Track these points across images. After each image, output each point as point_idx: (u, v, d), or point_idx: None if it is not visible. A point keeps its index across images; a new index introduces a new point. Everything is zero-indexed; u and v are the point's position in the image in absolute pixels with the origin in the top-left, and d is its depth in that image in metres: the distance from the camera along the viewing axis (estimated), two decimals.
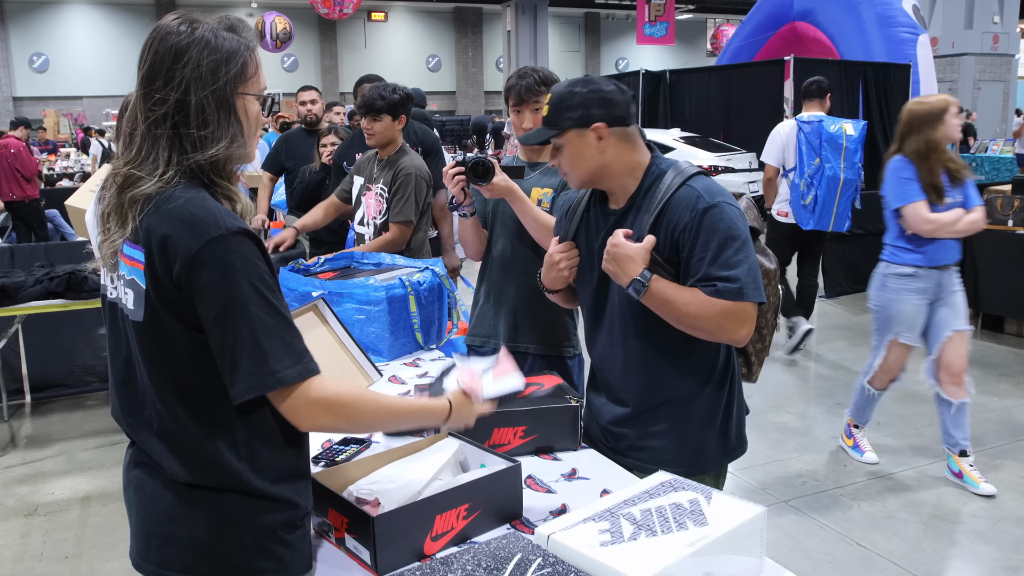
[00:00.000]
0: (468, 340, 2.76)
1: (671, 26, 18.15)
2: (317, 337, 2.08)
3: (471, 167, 2.31)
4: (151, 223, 1.24)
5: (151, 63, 1.28)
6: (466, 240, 2.63)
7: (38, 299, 4.11)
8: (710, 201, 1.72)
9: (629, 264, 1.74)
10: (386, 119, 3.34)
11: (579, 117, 1.78)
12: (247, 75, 1.32)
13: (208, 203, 1.25)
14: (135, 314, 1.28)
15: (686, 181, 1.77)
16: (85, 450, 4.30)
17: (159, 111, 1.26)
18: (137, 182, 1.26)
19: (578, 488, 1.76)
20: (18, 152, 9.19)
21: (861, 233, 7.36)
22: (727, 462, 1.96)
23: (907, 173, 3.51)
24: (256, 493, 1.30)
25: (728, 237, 1.71)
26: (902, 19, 11.14)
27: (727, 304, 1.70)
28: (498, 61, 27.03)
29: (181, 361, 1.26)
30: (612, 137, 1.79)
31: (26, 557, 3.27)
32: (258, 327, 1.22)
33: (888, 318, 3.66)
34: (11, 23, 22.44)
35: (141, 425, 1.33)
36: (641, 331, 1.85)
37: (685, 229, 1.73)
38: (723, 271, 1.70)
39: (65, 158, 14.39)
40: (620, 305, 1.87)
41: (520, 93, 2.49)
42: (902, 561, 3.11)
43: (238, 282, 1.21)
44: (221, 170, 1.31)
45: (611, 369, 1.93)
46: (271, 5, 23.31)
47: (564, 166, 1.84)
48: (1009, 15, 16.78)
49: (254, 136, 1.37)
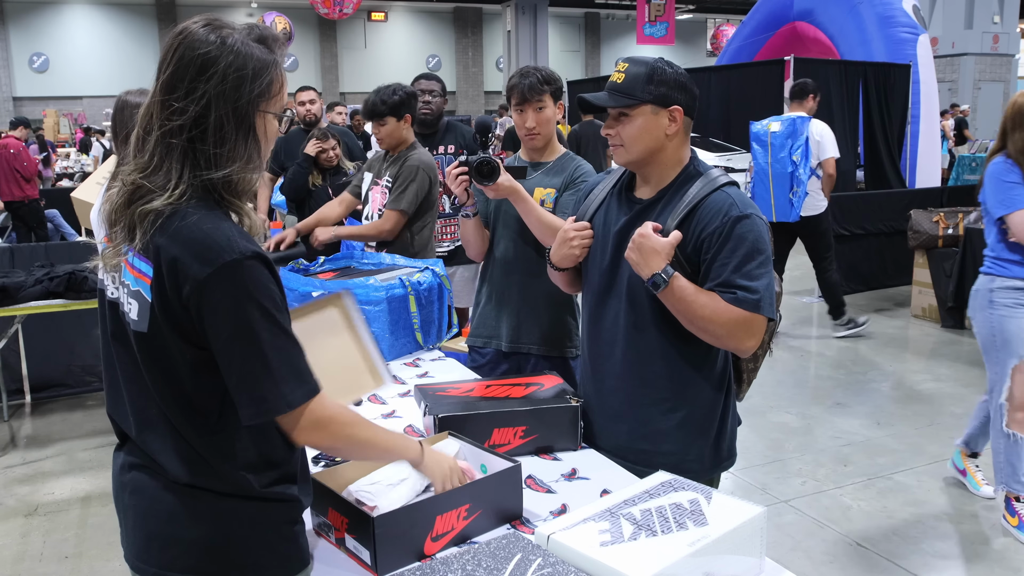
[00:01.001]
0: (470, 341, 2.75)
1: (671, 26, 18.14)
2: (333, 328, 2.04)
3: (476, 167, 2.31)
4: (161, 243, 1.22)
5: (174, 70, 1.23)
6: (468, 240, 2.63)
7: (38, 299, 4.11)
8: (743, 211, 1.74)
9: (653, 257, 1.73)
10: (391, 121, 3.34)
11: (661, 95, 1.77)
12: (271, 93, 1.29)
13: (221, 224, 1.23)
14: (139, 324, 1.27)
15: (721, 187, 1.78)
16: (85, 450, 4.30)
17: (176, 122, 1.22)
18: (147, 195, 1.23)
19: (578, 488, 1.76)
20: (18, 152, 9.19)
21: (861, 233, 7.37)
22: (719, 472, 1.96)
23: (1013, 176, 3.08)
24: (258, 495, 1.30)
25: (755, 249, 1.72)
26: (902, 19, 11.13)
27: (743, 313, 1.71)
28: (498, 61, 27.03)
29: (182, 373, 1.26)
30: (680, 125, 1.80)
31: (26, 557, 3.27)
32: (268, 352, 1.22)
33: (1006, 340, 3.15)
34: (11, 23, 22.43)
35: (143, 424, 1.33)
36: (646, 324, 1.84)
37: (714, 233, 1.74)
38: (745, 281, 1.71)
39: (65, 158, 14.39)
40: (628, 295, 1.86)
41: (523, 92, 2.49)
42: (902, 561, 3.10)
43: (249, 307, 1.21)
44: (233, 189, 1.27)
45: (609, 356, 1.92)
46: (271, 5, 23.31)
47: (623, 138, 1.81)
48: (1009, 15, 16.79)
49: (268, 154, 1.35)
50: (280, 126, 1.36)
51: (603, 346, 1.94)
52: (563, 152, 2.64)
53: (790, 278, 8.37)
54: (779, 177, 5.75)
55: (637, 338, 1.86)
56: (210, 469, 1.28)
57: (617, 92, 1.80)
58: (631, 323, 1.86)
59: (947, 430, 4.34)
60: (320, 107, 5.43)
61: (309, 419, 1.27)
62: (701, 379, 1.86)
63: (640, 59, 1.82)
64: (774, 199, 5.81)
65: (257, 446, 1.30)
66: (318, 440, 1.32)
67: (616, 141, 1.83)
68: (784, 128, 5.74)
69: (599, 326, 1.95)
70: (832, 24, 12.14)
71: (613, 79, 1.82)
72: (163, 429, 1.30)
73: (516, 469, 1.61)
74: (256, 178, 1.31)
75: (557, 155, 2.62)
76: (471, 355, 2.75)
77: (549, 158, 2.61)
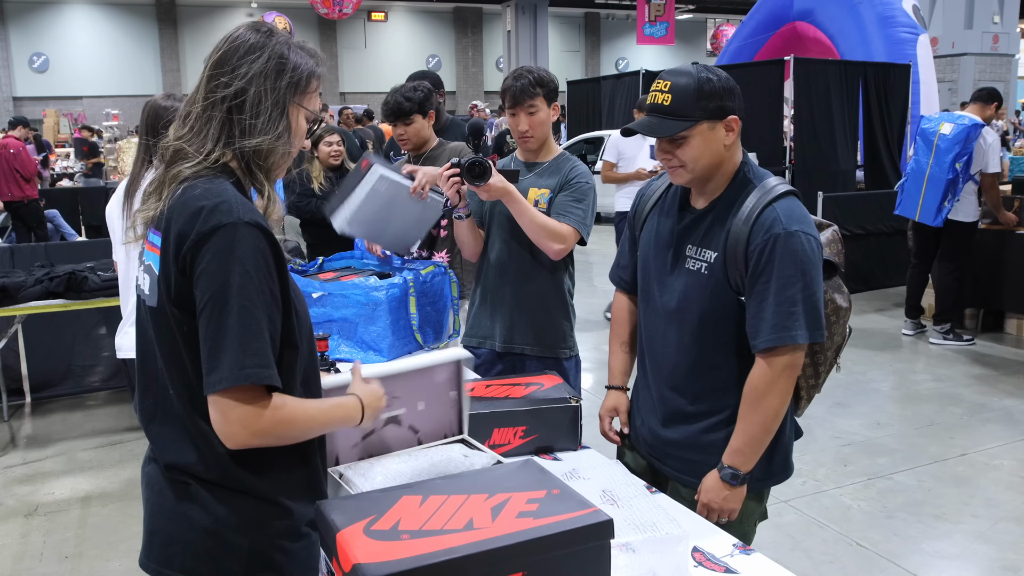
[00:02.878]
0: (464, 341, 2.75)
1: (671, 26, 18.14)
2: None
3: (467, 167, 2.31)
4: (172, 208, 1.28)
5: (223, 52, 1.34)
6: (463, 242, 2.63)
7: (38, 299, 4.11)
8: (787, 227, 1.66)
9: (734, 503, 1.76)
10: (418, 119, 3.20)
11: (715, 108, 1.69)
12: (308, 88, 1.39)
13: (228, 193, 1.27)
14: (150, 299, 1.31)
15: (772, 202, 1.70)
16: (85, 450, 4.30)
17: (219, 94, 1.32)
18: (184, 158, 1.31)
19: (578, 488, 1.75)
20: (17, 152, 9.18)
21: (861, 233, 7.37)
22: (770, 485, 1.90)
23: None
24: (254, 494, 1.30)
25: (796, 271, 1.65)
26: (902, 19, 11.13)
27: (785, 359, 1.68)
28: (498, 61, 27.02)
29: (184, 351, 1.27)
30: (737, 132, 1.73)
31: (26, 557, 3.27)
32: (227, 323, 1.20)
33: None
34: (11, 23, 22.42)
35: (151, 412, 1.34)
36: (703, 336, 1.79)
37: (754, 251, 1.68)
38: (781, 315, 1.66)
39: (65, 158, 14.38)
40: (680, 310, 1.81)
41: (515, 95, 2.48)
42: (902, 561, 3.10)
43: (234, 271, 1.21)
44: (263, 160, 1.34)
45: (663, 366, 1.86)
46: (271, 5, 23.32)
47: (684, 159, 1.73)
48: (1009, 15, 16.77)
49: (298, 146, 1.40)
50: (308, 132, 1.42)
51: (657, 358, 1.89)
52: (559, 153, 2.64)
53: None
54: (935, 181, 5.48)
55: (696, 350, 1.81)
56: (211, 461, 1.28)
57: (668, 115, 1.70)
58: (684, 340, 1.82)
59: (947, 430, 4.34)
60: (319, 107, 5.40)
61: (237, 412, 1.21)
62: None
63: (681, 71, 1.73)
64: (923, 201, 5.56)
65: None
66: (239, 432, 1.22)
67: (674, 163, 1.75)
68: (955, 133, 5.41)
69: (653, 339, 1.90)
70: (832, 24, 12.13)
71: (657, 100, 1.72)
72: (166, 418, 1.31)
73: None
74: (287, 158, 1.38)
75: (553, 156, 2.61)
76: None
77: (544, 159, 2.61)
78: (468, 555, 1.15)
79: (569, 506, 1.29)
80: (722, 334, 1.76)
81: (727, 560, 1.50)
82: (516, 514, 1.26)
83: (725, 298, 1.75)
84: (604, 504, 1.65)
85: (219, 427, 1.23)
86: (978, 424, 4.46)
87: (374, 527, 1.22)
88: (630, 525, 1.55)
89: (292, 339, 1.32)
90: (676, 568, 1.44)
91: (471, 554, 1.16)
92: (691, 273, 1.79)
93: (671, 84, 1.71)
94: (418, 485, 1.38)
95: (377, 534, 1.21)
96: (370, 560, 1.14)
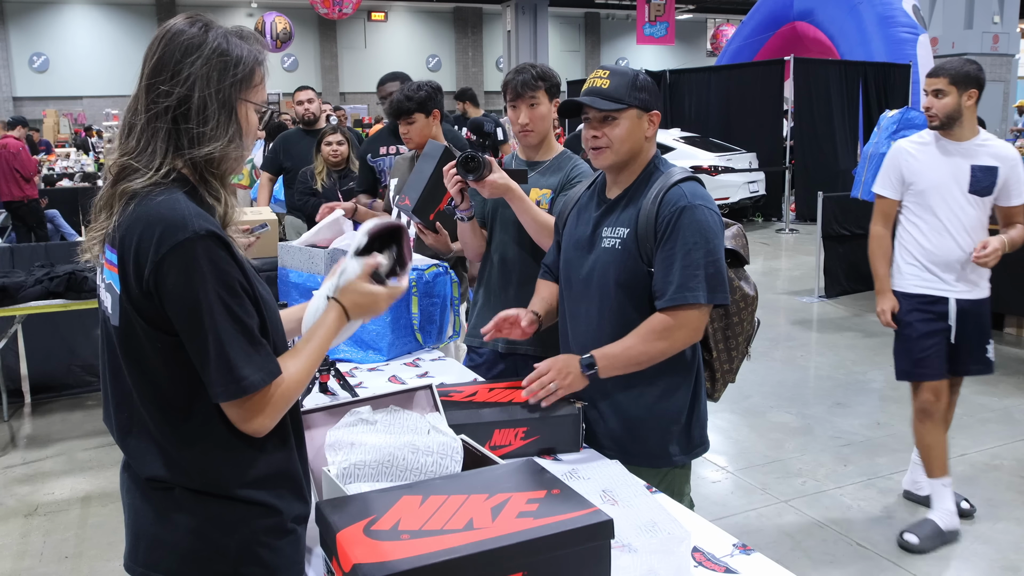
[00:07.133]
0: (467, 341, 2.75)
1: (671, 26, 18.14)
2: None
3: (461, 161, 2.31)
4: (125, 226, 1.24)
5: (159, 56, 1.28)
6: (466, 242, 2.63)
7: (38, 299, 4.10)
8: (691, 202, 1.86)
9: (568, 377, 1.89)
10: (419, 118, 3.22)
11: (644, 100, 1.92)
12: (252, 82, 1.33)
13: (179, 204, 1.23)
14: (113, 318, 1.28)
15: (678, 183, 1.90)
16: (85, 450, 4.29)
17: (162, 104, 1.26)
18: (131, 174, 1.27)
19: (578, 488, 1.74)
20: (17, 152, 9.18)
21: (861, 233, 7.36)
22: (691, 458, 2.04)
23: None
24: (238, 498, 1.29)
25: (698, 239, 1.83)
26: (902, 19, 11.14)
27: (674, 317, 1.84)
28: (498, 61, 27.01)
29: (157, 366, 1.26)
30: (656, 128, 1.96)
31: (26, 557, 3.27)
32: (213, 337, 1.21)
33: None
34: (11, 23, 22.42)
35: (124, 429, 1.33)
36: (620, 309, 1.95)
37: (661, 223, 1.87)
38: (684, 275, 1.83)
39: (65, 158, 14.37)
40: (599, 289, 1.97)
41: (516, 88, 2.48)
42: (902, 561, 3.10)
43: (204, 288, 1.21)
44: (215, 168, 1.30)
45: (589, 345, 1.97)
46: (271, 5, 23.30)
47: (612, 139, 1.92)
48: (1009, 15, 16.77)
49: (251, 144, 1.37)
50: (260, 123, 1.37)
51: (580, 337, 2.04)
52: (560, 151, 2.62)
53: (789, 278, 8.37)
54: (875, 158, 5.45)
55: (609, 325, 1.96)
56: (190, 471, 1.28)
57: (605, 96, 1.90)
58: (604, 315, 1.97)
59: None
60: (318, 106, 5.41)
61: (271, 401, 1.26)
62: (670, 364, 1.94)
63: (619, 68, 1.95)
64: (865, 179, 5.49)
65: (237, 446, 1.29)
66: (260, 426, 1.27)
67: (602, 143, 1.93)
68: (896, 114, 5.30)
69: (576, 319, 2.06)
70: (832, 24, 12.14)
71: (597, 84, 1.93)
72: (142, 432, 1.30)
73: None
74: (240, 160, 1.33)
75: (554, 154, 2.60)
76: (469, 355, 2.75)
77: (545, 157, 2.59)
78: (468, 555, 1.15)
79: (569, 506, 1.29)
80: (637, 306, 1.92)
81: (727, 560, 1.49)
82: (516, 514, 1.26)
83: (637, 270, 1.92)
84: (604, 504, 1.65)
85: (239, 427, 1.27)
86: (978, 424, 4.46)
87: (374, 527, 1.22)
88: (630, 525, 1.55)
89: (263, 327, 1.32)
90: (677, 568, 1.43)
91: (471, 554, 1.16)
92: (606, 250, 1.97)
93: (610, 72, 1.94)
94: (418, 485, 1.38)
95: (377, 534, 1.21)
96: (370, 560, 1.14)
